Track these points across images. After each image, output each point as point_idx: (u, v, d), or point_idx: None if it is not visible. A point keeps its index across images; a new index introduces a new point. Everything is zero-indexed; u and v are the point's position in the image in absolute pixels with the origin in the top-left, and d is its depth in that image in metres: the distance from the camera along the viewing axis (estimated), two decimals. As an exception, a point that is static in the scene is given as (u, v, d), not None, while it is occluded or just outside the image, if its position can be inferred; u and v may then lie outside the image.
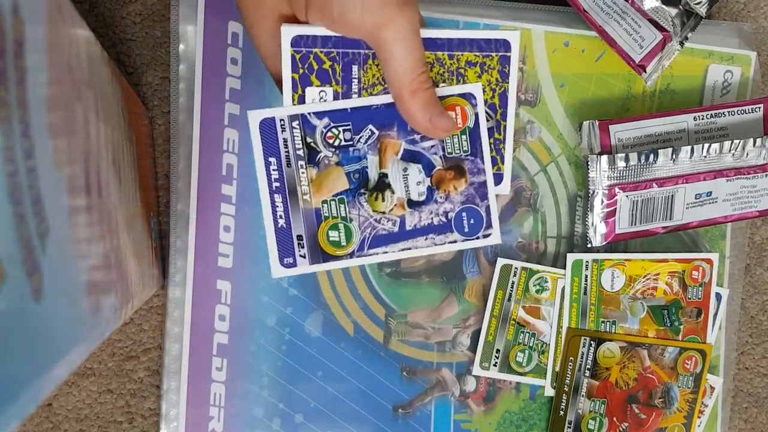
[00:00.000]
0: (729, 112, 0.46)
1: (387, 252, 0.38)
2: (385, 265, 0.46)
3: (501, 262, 0.47)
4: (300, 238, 0.37)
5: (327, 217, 0.37)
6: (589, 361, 0.47)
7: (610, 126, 0.45)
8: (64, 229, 0.21)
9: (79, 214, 0.23)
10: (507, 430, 0.48)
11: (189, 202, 0.44)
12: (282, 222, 0.37)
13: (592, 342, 0.47)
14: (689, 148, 0.45)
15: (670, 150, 0.45)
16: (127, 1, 0.45)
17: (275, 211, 0.36)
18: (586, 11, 0.45)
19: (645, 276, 0.47)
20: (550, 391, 0.48)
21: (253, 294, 0.45)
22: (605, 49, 0.47)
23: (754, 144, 0.46)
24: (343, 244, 0.37)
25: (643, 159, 0.45)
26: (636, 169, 0.45)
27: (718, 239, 0.50)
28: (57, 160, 0.21)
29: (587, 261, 0.47)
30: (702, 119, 0.46)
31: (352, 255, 0.37)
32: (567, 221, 0.48)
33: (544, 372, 0.48)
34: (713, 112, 0.46)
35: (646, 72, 0.45)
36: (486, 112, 0.38)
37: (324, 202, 0.37)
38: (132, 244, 0.34)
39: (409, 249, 0.38)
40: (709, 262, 0.48)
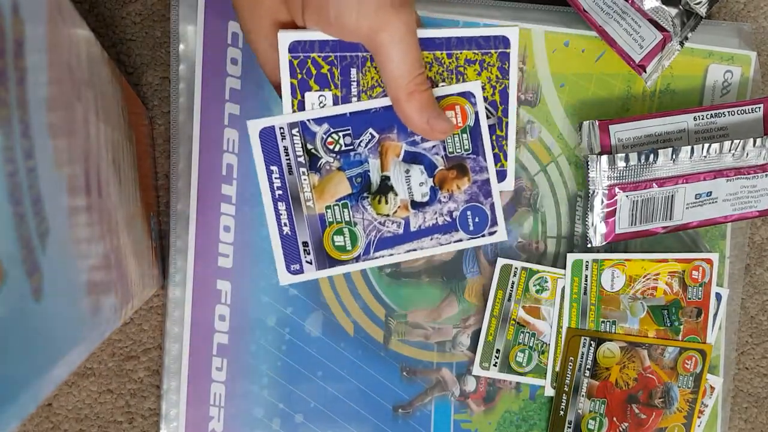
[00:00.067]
0: (729, 112, 0.46)
1: (393, 254, 0.38)
2: (385, 265, 0.46)
3: (501, 262, 0.47)
4: (305, 244, 0.37)
5: (331, 223, 0.37)
6: (589, 361, 0.47)
7: (610, 126, 0.45)
8: (64, 229, 0.21)
9: (79, 214, 0.23)
10: (507, 430, 0.48)
11: (189, 202, 0.44)
12: (287, 229, 0.37)
13: (592, 342, 0.47)
14: (689, 148, 0.45)
15: (670, 150, 0.45)
16: (127, 1, 0.45)
17: (279, 219, 0.36)
18: (586, 11, 0.45)
19: (645, 276, 0.47)
20: (550, 391, 0.48)
21: (253, 294, 0.45)
22: (605, 49, 0.47)
23: (754, 144, 0.46)
24: (349, 248, 0.37)
25: (643, 159, 0.45)
26: (636, 169, 0.45)
27: (718, 239, 0.50)
28: (57, 160, 0.21)
29: (587, 261, 0.47)
30: (702, 119, 0.46)
31: (358, 259, 0.37)
32: (567, 221, 0.48)
33: (544, 372, 0.48)
34: (713, 112, 0.46)
35: (646, 72, 0.45)
36: (487, 109, 0.38)
37: (328, 207, 0.36)
38: (132, 244, 0.34)
39: (415, 250, 0.38)
40: (709, 262, 0.48)
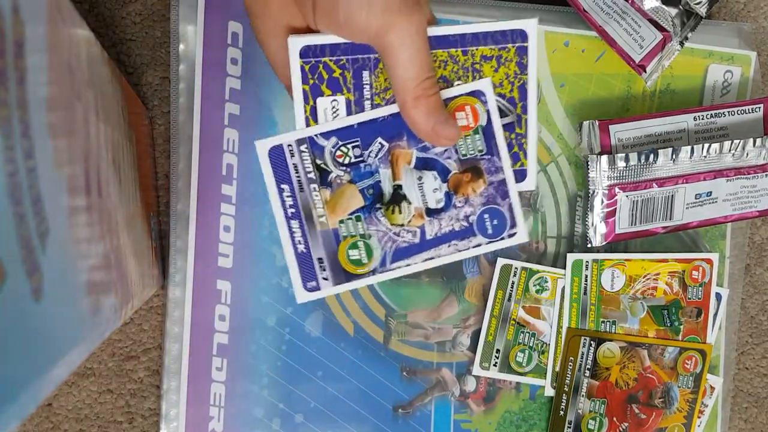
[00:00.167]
0: (729, 112, 0.46)
1: (410, 264, 0.37)
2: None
3: (501, 262, 0.47)
4: (321, 260, 0.36)
5: (345, 237, 0.36)
6: (589, 361, 0.47)
7: (610, 126, 0.45)
8: (64, 229, 0.21)
9: (79, 214, 0.23)
10: (507, 430, 0.48)
11: (189, 202, 0.44)
12: (301, 247, 0.36)
13: (592, 342, 0.47)
14: (689, 148, 0.45)
15: (670, 150, 0.45)
16: (127, 1, 0.45)
17: (293, 237, 0.36)
18: (586, 11, 0.45)
19: (645, 276, 0.47)
20: (550, 391, 0.48)
21: (253, 294, 0.45)
22: (605, 49, 0.47)
23: (754, 144, 0.46)
24: (365, 261, 0.36)
25: (643, 159, 0.45)
26: (636, 169, 0.45)
27: (718, 239, 0.50)
28: (57, 160, 0.21)
29: (587, 261, 0.47)
30: (702, 119, 0.46)
31: (374, 271, 0.36)
32: (567, 221, 0.48)
33: (544, 372, 0.48)
34: (713, 112, 0.46)
35: (646, 72, 0.45)
36: (505, 107, 0.37)
37: (341, 221, 0.36)
38: (132, 244, 0.34)
39: (432, 258, 0.37)
40: (709, 262, 0.48)
